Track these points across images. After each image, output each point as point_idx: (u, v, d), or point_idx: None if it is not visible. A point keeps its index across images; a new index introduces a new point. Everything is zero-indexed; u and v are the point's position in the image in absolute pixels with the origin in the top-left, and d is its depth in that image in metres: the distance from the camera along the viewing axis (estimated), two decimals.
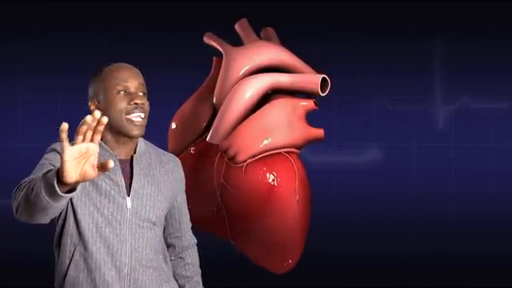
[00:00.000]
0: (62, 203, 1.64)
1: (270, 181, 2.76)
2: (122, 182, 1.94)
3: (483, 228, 3.89)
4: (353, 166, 4.04)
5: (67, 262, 1.93)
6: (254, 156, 2.76)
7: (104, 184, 1.92)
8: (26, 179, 1.82)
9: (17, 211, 1.77)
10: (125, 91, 1.95)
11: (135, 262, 1.93)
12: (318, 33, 3.86)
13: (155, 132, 2.23)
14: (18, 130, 4.02)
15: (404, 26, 3.98)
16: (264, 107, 2.83)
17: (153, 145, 2.11)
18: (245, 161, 2.76)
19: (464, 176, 3.99)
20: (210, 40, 3.06)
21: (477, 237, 3.87)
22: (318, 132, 2.95)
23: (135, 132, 1.94)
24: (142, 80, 1.99)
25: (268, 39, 3.05)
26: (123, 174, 1.96)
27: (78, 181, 1.53)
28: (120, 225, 1.92)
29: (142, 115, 1.94)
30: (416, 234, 3.88)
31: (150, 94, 2.00)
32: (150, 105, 1.99)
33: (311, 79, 2.85)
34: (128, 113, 1.93)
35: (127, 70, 1.99)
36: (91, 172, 1.53)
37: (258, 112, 2.81)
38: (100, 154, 1.96)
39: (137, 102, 1.93)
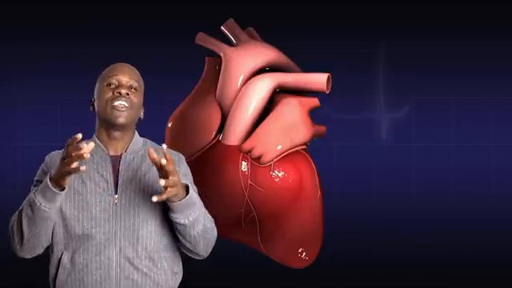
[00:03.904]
0: (57, 205, 1.81)
1: (298, 177, 2.79)
2: (110, 178, 1.95)
3: (483, 228, 3.89)
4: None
5: (56, 266, 1.95)
6: (279, 155, 2.79)
7: (93, 181, 1.93)
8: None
9: (21, 242, 1.87)
10: (113, 84, 1.97)
11: (125, 261, 1.91)
12: (318, 33, 3.87)
13: (155, 132, 2.22)
14: (18, 130, 4.02)
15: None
16: (277, 107, 2.85)
17: (154, 143, 2.10)
18: (272, 160, 2.77)
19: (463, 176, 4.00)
20: (202, 41, 3.03)
21: (477, 237, 3.87)
22: (323, 128, 3.02)
23: (119, 119, 1.94)
24: (135, 77, 2.01)
25: (253, 39, 3.07)
26: (114, 170, 1.96)
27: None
28: (107, 223, 1.91)
29: (126, 104, 1.95)
30: (417, 234, 3.88)
31: (151, 95, 1.99)
32: (151, 106, 2.00)
33: (317, 78, 2.88)
34: (112, 101, 1.94)
35: (120, 66, 2.02)
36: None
37: (274, 112, 2.84)
38: (93, 151, 1.99)
39: (120, 91, 1.94)
